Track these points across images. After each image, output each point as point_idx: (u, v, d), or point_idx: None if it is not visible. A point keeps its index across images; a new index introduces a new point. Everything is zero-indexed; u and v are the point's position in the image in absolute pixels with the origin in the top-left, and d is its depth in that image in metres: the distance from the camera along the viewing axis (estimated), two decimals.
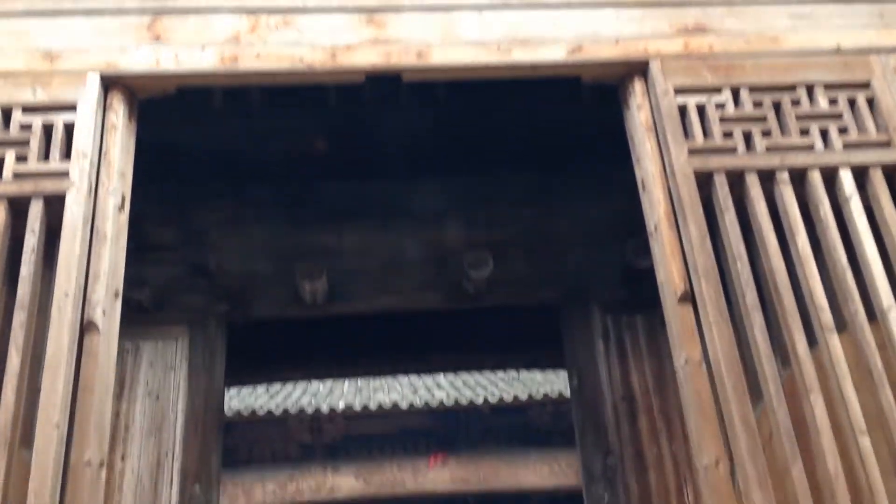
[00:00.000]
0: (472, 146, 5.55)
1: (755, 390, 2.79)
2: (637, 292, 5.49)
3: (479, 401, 13.99)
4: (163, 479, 5.02)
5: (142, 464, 5.02)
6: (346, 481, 13.78)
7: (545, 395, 14.08)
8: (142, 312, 5.29)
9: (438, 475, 13.94)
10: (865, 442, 2.59)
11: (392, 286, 5.57)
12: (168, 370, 5.24)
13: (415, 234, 5.63)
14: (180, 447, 5.08)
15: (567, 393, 11.74)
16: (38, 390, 2.54)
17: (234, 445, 14.26)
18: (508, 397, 14.07)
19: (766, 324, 2.85)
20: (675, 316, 2.84)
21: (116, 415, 5.10)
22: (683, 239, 2.99)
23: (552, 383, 14.75)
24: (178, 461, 5.06)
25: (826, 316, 2.81)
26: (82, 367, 2.58)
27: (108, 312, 2.72)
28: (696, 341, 2.78)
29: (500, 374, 16.07)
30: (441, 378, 16.15)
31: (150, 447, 5.07)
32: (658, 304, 3.20)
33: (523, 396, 14.09)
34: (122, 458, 5.03)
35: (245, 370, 6.36)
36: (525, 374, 15.78)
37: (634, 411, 5.41)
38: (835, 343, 2.74)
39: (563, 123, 5.39)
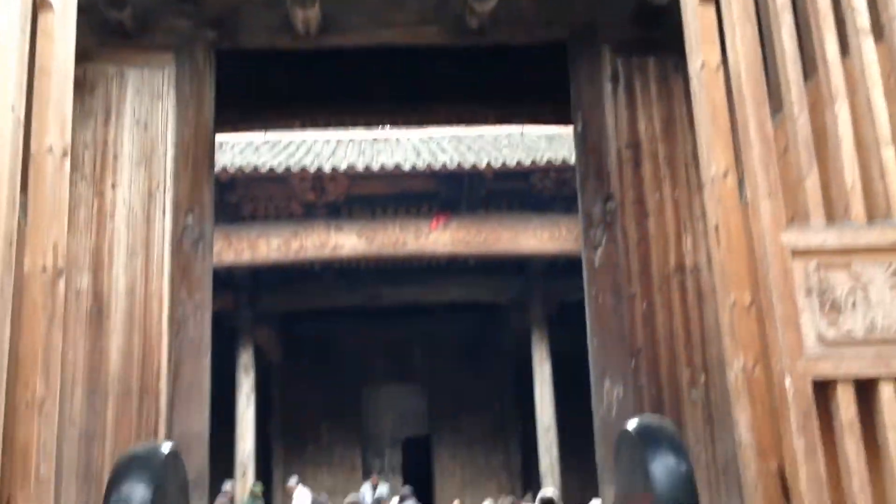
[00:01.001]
0: None
1: (774, 102, 2.56)
2: (650, 32, 5.18)
3: (482, 164, 13.88)
4: (155, 210, 4.95)
5: (133, 194, 4.93)
6: (349, 240, 14.00)
7: (548, 161, 13.98)
8: (124, 37, 5.01)
9: (440, 237, 14.13)
10: (889, 154, 2.39)
11: (390, 18, 5.22)
12: (155, 99, 5.03)
13: None
14: (171, 178, 4.97)
15: (571, 160, 11.60)
16: None
17: (239, 202, 14.39)
18: (511, 162, 13.96)
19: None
20: (695, 16, 2.55)
21: (104, 143, 4.97)
22: None
23: (556, 150, 14.61)
24: (169, 192, 4.97)
25: (862, 18, 2.52)
26: (38, 49, 2.34)
27: None
28: (716, 44, 2.52)
29: (504, 139, 15.90)
30: (444, 141, 16.01)
31: (140, 177, 4.95)
32: (672, 46, 2.90)
33: (526, 161, 13.98)
34: (113, 187, 4.93)
35: (238, 114, 6.15)
36: (529, 139, 15.61)
37: (639, 158, 5.25)
38: (869, 46, 2.47)
39: None
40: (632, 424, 4.37)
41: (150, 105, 4.98)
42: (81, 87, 4.69)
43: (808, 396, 2.23)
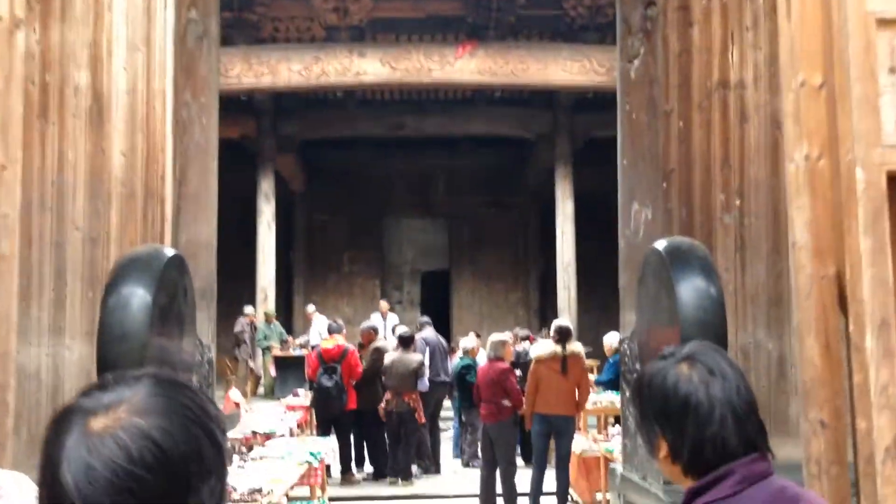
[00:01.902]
0: None
1: None
2: None
3: None
4: (155, 1, 4.56)
5: None
6: (372, 66, 13.47)
7: None
8: None
9: (465, 65, 13.55)
10: None
11: None
12: None
13: None
14: None
15: None
16: None
17: (258, 21, 13.76)
18: None
19: None
20: None
21: None
22: None
23: None
24: None
25: None
26: None
27: None
28: None
29: None
30: None
31: None
32: None
33: None
34: None
35: None
36: None
37: None
38: None
39: None
40: (660, 244, 4.10)
41: None
42: None
43: (881, 190, 1.92)
